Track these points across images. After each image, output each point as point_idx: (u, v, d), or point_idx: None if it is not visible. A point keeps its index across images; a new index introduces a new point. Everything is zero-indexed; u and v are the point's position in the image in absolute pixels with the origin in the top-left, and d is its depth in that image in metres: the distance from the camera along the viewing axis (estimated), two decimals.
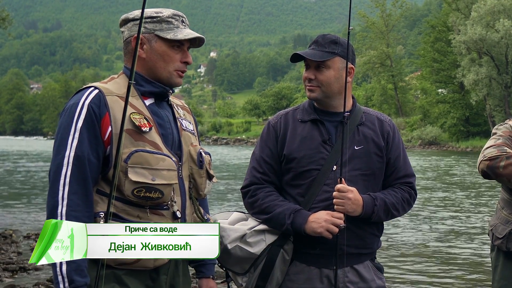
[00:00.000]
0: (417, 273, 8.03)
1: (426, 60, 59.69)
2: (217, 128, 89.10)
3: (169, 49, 2.42)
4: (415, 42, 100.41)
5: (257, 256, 2.75)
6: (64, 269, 2.16)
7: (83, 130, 2.26)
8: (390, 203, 2.80)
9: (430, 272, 8.07)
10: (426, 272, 8.10)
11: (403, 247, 9.77)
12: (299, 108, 2.94)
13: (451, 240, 10.47)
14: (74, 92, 2.39)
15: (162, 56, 2.41)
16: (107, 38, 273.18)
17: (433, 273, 8.01)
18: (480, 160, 3.26)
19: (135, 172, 2.27)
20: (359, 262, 2.82)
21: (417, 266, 8.45)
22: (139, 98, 2.40)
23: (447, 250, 9.57)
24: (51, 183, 2.25)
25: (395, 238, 10.54)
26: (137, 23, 2.37)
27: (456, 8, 54.44)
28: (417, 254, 9.24)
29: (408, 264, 8.57)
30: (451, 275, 7.91)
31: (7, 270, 7.92)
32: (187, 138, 2.52)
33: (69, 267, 2.16)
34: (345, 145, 2.74)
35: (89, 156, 2.26)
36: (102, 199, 2.29)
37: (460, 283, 7.54)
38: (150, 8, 2.46)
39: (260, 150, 2.89)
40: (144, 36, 2.40)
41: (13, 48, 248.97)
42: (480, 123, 54.43)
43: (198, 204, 2.54)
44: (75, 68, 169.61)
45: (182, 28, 2.44)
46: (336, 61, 2.80)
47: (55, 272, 2.17)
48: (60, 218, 2.19)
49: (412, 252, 9.43)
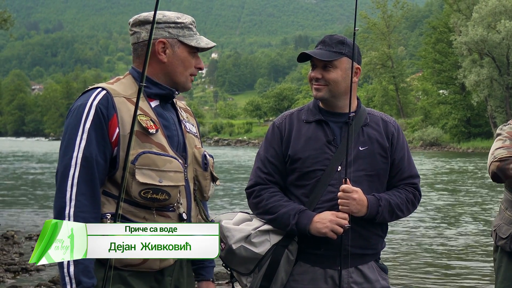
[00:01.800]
0: (420, 273, 8.02)
1: (427, 61, 59.64)
2: (218, 129, 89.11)
3: (189, 55, 2.45)
4: (416, 43, 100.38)
5: (261, 256, 2.75)
6: (72, 270, 2.16)
7: (91, 131, 2.26)
8: (394, 204, 2.81)
9: (433, 273, 8.06)
10: (429, 272, 8.09)
11: (406, 248, 9.76)
12: (304, 109, 2.94)
13: (453, 240, 10.46)
14: (77, 94, 2.38)
15: (183, 62, 2.44)
16: (108, 39, 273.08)
17: (436, 274, 8.01)
18: (491, 161, 3.24)
19: (142, 174, 2.26)
20: (363, 263, 2.82)
21: (420, 266, 8.45)
22: (145, 100, 2.40)
23: (450, 251, 9.56)
24: (59, 184, 2.24)
25: (397, 238, 10.52)
26: (159, 26, 2.39)
27: (457, 9, 54.41)
28: (419, 255, 9.23)
29: (411, 264, 8.55)
30: (454, 275, 7.90)
31: (9, 271, 7.93)
32: (191, 141, 2.52)
33: (77, 268, 2.16)
34: (350, 145, 2.75)
35: (97, 157, 2.26)
36: (108, 201, 2.29)
37: (463, 283, 7.53)
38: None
39: (264, 150, 2.90)
40: (168, 41, 2.41)
41: (15, 49, 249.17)
42: (482, 124, 54.39)
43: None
44: (77, 69, 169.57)
45: (198, 35, 2.48)
46: (343, 61, 2.80)
47: (62, 273, 2.17)
48: (67, 219, 2.19)
49: (414, 252, 9.42)
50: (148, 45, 2.23)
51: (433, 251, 9.56)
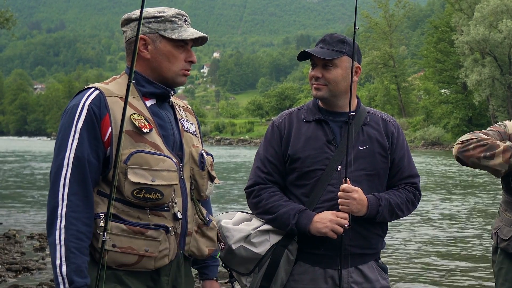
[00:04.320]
0: (421, 273, 8.02)
1: (429, 61, 59.61)
2: (220, 128, 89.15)
3: (174, 49, 2.40)
4: (418, 42, 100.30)
5: (261, 256, 2.74)
6: (64, 270, 2.16)
7: (83, 131, 2.25)
8: (394, 203, 2.80)
9: (434, 273, 8.06)
10: (430, 272, 8.09)
11: (406, 248, 9.76)
12: (303, 108, 2.93)
13: (453, 240, 10.46)
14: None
15: (167, 56, 2.40)
16: (110, 39, 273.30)
17: (437, 274, 8.01)
18: (454, 145, 3.22)
19: (135, 173, 2.25)
20: (363, 263, 2.82)
21: (420, 266, 8.44)
22: (140, 99, 2.38)
23: (449, 251, 9.56)
24: (52, 184, 2.25)
25: (398, 238, 10.52)
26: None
27: (459, 8, 54.37)
28: (420, 255, 9.23)
29: (412, 264, 8.55)
30: (454, 275, 7.90)
31: (10, 270, 7.94)
32: (188, 139, 2.50)
33: (69, 268, 2.16)
34: (350, 144, 2.74)
35: (89, 157, 2.25)
36: (103, 200, 2.28)
37: (462, 283, 7.53)
38: (153, 8, 2.44)
39: (264, 150, 2.89)
40: (148, 36, 2.38)
41: (17, 48, 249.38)
42: (483, 124, 54.31)
43: (201, 205, 2.52)
44: (79, 69, 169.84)
45: (186, 27, 2.43)
46: (344, 60, 2.79)
47: (55, 273, 2.17)
48: (60, 219, 2.19)
49: (415, 252, 9.42)
50: (135, 42, 2.22)
51: (433, 251, 9.56)
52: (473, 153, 3.12)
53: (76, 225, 2.19)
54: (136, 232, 2.27)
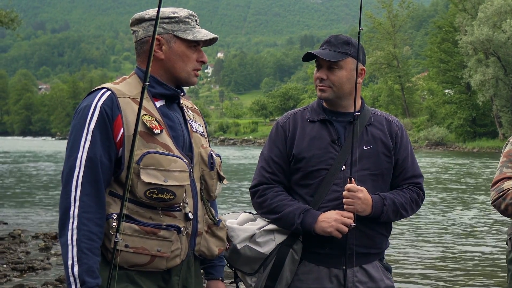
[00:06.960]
0: (425, 273, 8.01)
1: (433, 61, 59.50)
2: (224, 128, 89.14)
3: (187, 49, 2.41)
4: (422, 42, 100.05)
5: (266, 256, 2.76)
6: (76, 270, 2.17)
7: (96, 132, 2.26)
8: (399, 203, 2.81)
9: (438, 274, 8.06)
10: (434, 273, 8.08)
11: (410, 247, 9.76)
12: (308, 108, 2.94)
13: (458, 241, 10.46)
14: (84, 93, 2.40)
15: (181, 57, 2.41)
16: (114, 39, 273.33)
17: (441, 275, 8.00)
18: (492, 197, 3.26)
19: (147, 174, 2.27)
20: (368, 262, 2.83)
21: (424, 266, 8.44)
22: (150, 100, 2.39)
23: (454, 252, 9.55)
24: (64, 184, 2.26)
25: (402, 238, 10.52)
26: (154, 23, 2.35)
27: (463, 8, 54.26)
28: (424, 255, 9.22)
29: (415, 264, 8.55)
30: (461, 276, 7.89)
31: (15, 269, 7.97)
32: (197, 140, 2.51)
33: (81, 269, 2.17)
34: (354, 144, 2.75)
35: (102, 158, 2.26)
36: (115, 201, 2.30)
37: (468, 282, 7.52)
38: (165, 8, 2.44)
39: (268, 150, 2.90)
40: (163, 36, 2.39)
41: (22, 49, 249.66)
42: (487, 124, 54.23)
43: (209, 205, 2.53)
44: (83, 69, 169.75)
45: (198, 28, 2.44)
46: (349, 62, 2.80)
47: (67, 273, 2.19)
48: (72, 220, 2.20)
49: (418, 252, 9.41)
50: (151, 43, 2.23)
51: (436, 251, 9.55)
52: (509, 213, 3.19)
53: (88, 225, 2.19)
54: (148, 233, 2.28)
